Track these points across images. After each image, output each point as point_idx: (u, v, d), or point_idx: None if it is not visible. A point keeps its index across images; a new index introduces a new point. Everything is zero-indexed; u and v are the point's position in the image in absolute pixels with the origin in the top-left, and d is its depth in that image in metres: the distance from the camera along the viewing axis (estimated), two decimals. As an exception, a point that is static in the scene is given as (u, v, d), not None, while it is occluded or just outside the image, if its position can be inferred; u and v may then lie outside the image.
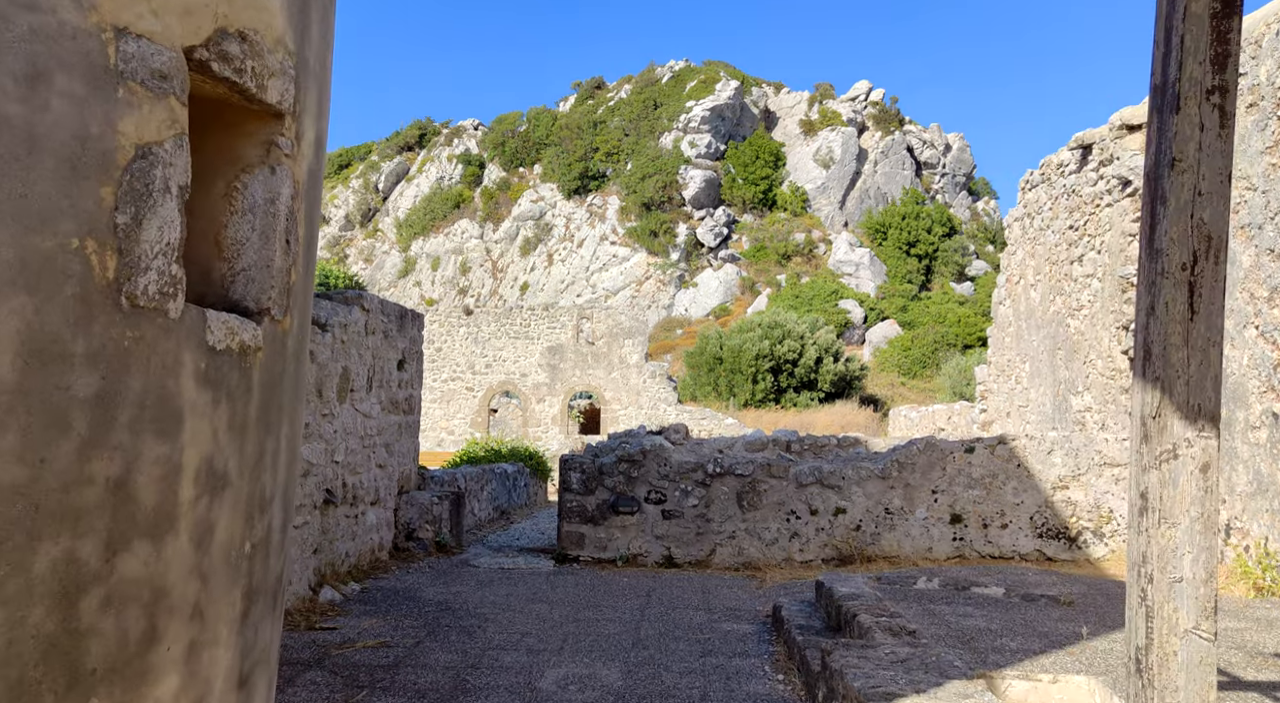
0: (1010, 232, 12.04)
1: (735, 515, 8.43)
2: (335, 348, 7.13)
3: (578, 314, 25.98)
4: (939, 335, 52.45)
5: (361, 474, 7.79)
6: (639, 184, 62.78)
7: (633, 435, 9.25)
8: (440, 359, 25.79)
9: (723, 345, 41.11)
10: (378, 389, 8.14)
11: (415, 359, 9.08)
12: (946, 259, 62.79)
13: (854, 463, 8.40)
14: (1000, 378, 12.49)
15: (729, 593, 7.35)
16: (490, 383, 26.01)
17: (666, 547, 8.49)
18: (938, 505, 8.19)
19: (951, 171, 71.22)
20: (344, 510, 7.42)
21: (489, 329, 25.93)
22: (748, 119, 69.47)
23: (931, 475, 8.23)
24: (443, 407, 25.77)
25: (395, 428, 8.62)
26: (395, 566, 8.18)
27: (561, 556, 8.61)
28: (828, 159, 66.43)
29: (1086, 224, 9.33)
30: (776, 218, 63.84)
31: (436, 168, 76.42)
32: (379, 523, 8.22)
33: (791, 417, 37.91)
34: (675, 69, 74.68)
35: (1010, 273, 12.06)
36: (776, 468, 8.43)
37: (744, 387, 39.26)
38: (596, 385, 25.27)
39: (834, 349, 42.68)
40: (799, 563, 8.31)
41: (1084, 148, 9.38)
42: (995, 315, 12.78)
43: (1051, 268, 10.40)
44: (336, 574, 7.20)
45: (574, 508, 8.61)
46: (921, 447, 8.23)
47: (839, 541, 8.27)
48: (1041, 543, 7.99)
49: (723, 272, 59.97)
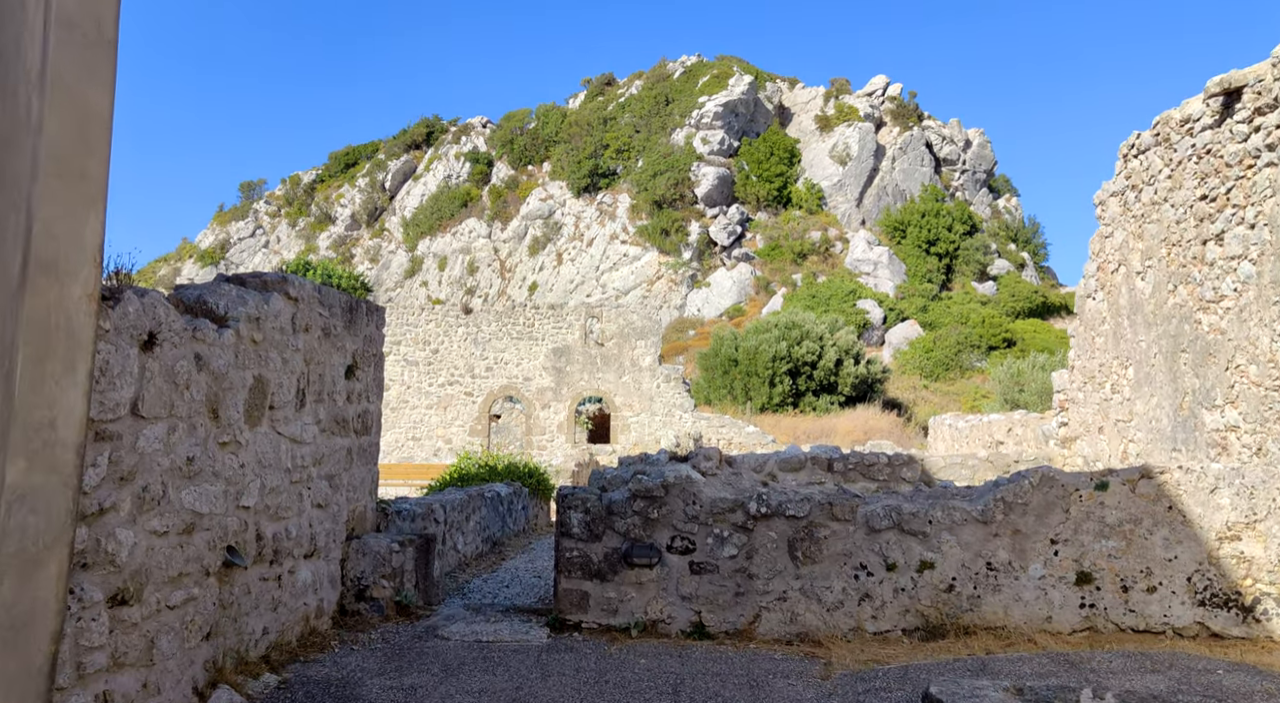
0: (1105, 209, 9.97)
1: (786, 570, 6.41)
2: (241, 350, 5.13)
3: (586, 313, 23.96)
4: (962, 336, 50.70)
5: (289, 520, 5.80)
6: (650, 181, 61.27)
7: (651, 463, 7.26)
8: (437, 362, 23.81)
9: (738, 347, 39.29)
10: (315, 405, 6.15)
11: (372, 364, 7.09)
12: (968, 258, 60.88)
13: (943, 502, 6.36)
14: (1089, 386, 10.42)
15: (785, 687, 5.33)
16: (491, 387, 24.03)
17: (696, 611, 6.47)
18: (1059, 561, 6.14)
19: (972, 168, 69.22)
20: (258, 572, 5.42)
21: (490, 329, 23.93)
22: (761, 115, 67.74)
23: (1049, 520, 6.18)
24: (440, 414, 23.78)
25: (342, 454, 6.63)
26: (337, 640, 6.18)
27: (558, 621, 6.60)
28: (844, 155, 64.59)
29: (1230, 192, 7.27)
30: (791, 216, 62.12)
31: (444, 166, 75.38)
32: (316, 582, 6.22)
33: (811, 422, 35.94)
34: (687, 64, 73.07)
35: (1104, 260, 9.99)
36: (840, 508, 6.40)
37: (760, 390, 37.41)
38: (606, 390, 23.24)
39: (855, 351, 40.85)
40: (871, 635, 6.28)
41: (1228, 94, 7.32)
42: (1081, 311, 10.70)
43: (1171, 250, 8.32)
44: (244, 663, 5.20)
45: (575, 559, 6.60)
46: (1035, 481, 6.19)
47: (925, 605, 6.23)
48: (1204, 613, 5.93)
49: (736, 271, 58.28)
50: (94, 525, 3.95)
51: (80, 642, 3.86)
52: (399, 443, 23.35)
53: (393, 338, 23.60)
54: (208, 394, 4.81)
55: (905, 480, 10.13)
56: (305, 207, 79.23)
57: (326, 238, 75.12)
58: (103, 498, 3.98)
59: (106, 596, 4.03)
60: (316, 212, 77.54)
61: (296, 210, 79.22)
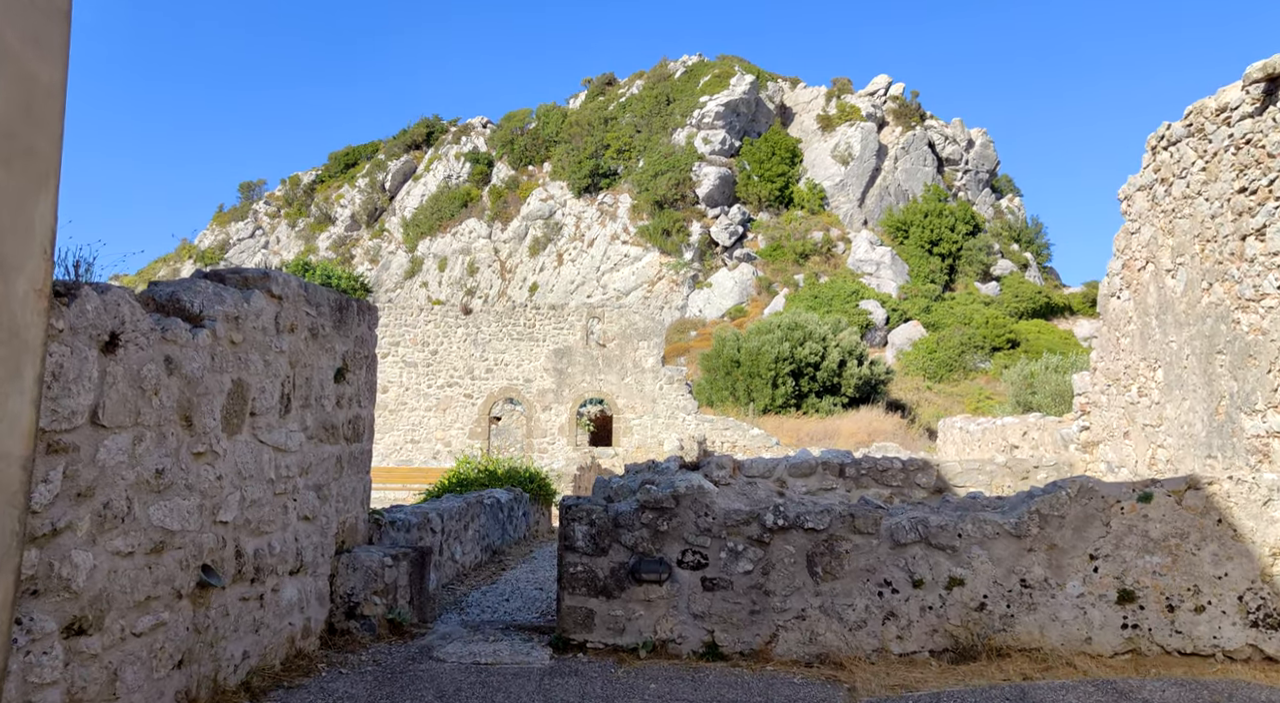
0: (1130, 205, 9.55)
1: (805, 586, 5.99)
2: (218, 352, 4.72)
3: (587, 314, 23.52)
4: (965, 337, 50.37)
5: (272, 535, 5.38)
6: (651, 182, 60.95)
7: (660, 471, 6.85)
8: (436, 363, 23.36)
9: (740, 348, 38.88)
10: (301, 410, 5.73)
11: (364, 366, 6.67)
12: (971, 258, 60.54)
13: (972, 514, 5.94)
14: (1113, 389, 10.00)
15: (808, 716, 4.91)
16: (491, 389, 23.60)
17: (709, 630, 6.06)
18: (1098, 577, 5.72)
19: (974, 168, 68.83)
20: (238, 591, 5.01)
21: (490, 330, 23.48)
22: (763, 115, 67.39)
23: (1088, 534, 5.77)
24: (439, 416, 23.34)
25: (331, 463, 6.21)
26: (325, 662, 5.76)
27: (562, 641, 6.18)
28: (846, 155, 64.25)
29: (1273, 184, 6.86)
30: (793, 216, 61.78)
31: (444, 166, 75.13)
32: (302, 600, 5.81)
33: (814, 424, 35.52)
34: (688, 64, 72.76)
35: (1130, 257, 9.57)
36: (862, 520, 5.99)
37: (763, 391, 37.00)
38: (608, 392, 22.80)
39: (858, 352, 40.47)
40: (897, 657, 5.86)
41: (1270, 80, 6.90)
42: (1105, 311, 10.29)
43: (1205, 246, 7.91)
44: (221, 692, 4.79)
45: (579, 574, 6.18)
46: (1073, 492, 5.77)
47: (955, 624, 5.82)
48: (1257, 635, 5.51)
49: (738, 271, 57.94)
50: (46, 548, 3.53)
51: (29, 678, 3.44)
52: (398, 446, 22.91)
53: (391, 339, 23.17)
54: (180, 400, 4.40)
55: (920, 487, 9.72)
56: (305, 207, 79.08)
57: (326, 238, 74.99)
58: (56, 517, 3.57)
59: (61, 625, 3.62)
60: (316, 212, 77.35)
61: (296, 211, 79.05)
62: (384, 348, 22.99)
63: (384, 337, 22.99)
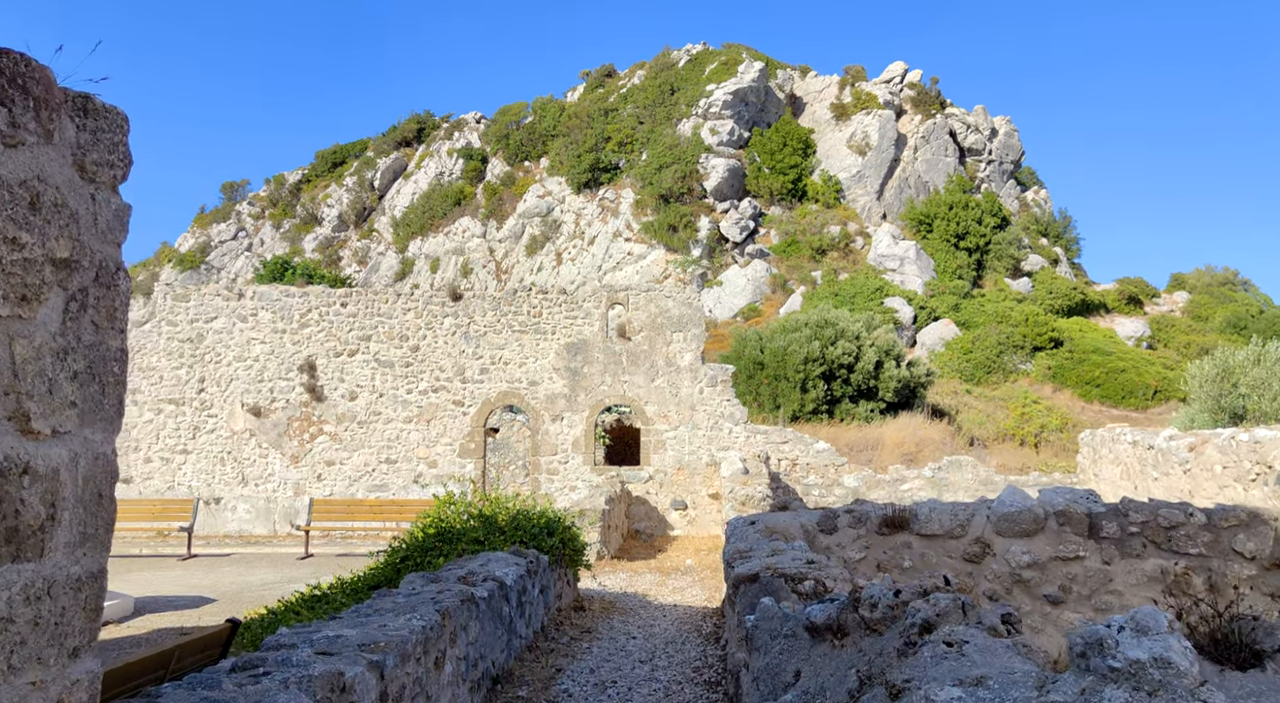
0: None
1: None
2: None
3: (607, 299, 19.27)
4: (1003, 336, 46.62)
5: None
6: (655, 175, 57.36)
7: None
8: (418, 362, 19.08)
9: (764, 348, 34.97)
10: None
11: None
12: (1000, 253, 56.72)
13: None
14: None
15: None
16: (487, 394, 19.37)
17: None
18: None
19: (999, 158, 65.13)
20: None
21: (485, 321, 19.21)
22: (773, 104, 63.68)
23: None
24: (421, 429, 19.04)
25: None
26: None
27: None
28: (863, 145, 60.53)
29: None
30: (808, 209, 58.08)
31: (436, 163, 72.06)
32: None
33: (854, 433, 31.49)
34: (693, 52, 69.16)
35: None
36: None
37: (791, 396, 33.05)
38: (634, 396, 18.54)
39: (895, 351, 36.61)
40: None
41: None
42: None
43: None
44: None
45: None
46: None
47: None
48: None
49: (750, 268, 54.18)
50: None
51: None
52: (368, 466, 18.59)
53: (360, 332, 18.86)
54: None
55: (1241, 555, 5.54)
56: (290, 207, 76.17)
57: (312, 239, 72.06)
58: None
59: None
60: (302, 212, 74.21)
61: (281, 212, 76.08)
62: (351, 343, 18.72)
63: (352, 329, 18.71)
